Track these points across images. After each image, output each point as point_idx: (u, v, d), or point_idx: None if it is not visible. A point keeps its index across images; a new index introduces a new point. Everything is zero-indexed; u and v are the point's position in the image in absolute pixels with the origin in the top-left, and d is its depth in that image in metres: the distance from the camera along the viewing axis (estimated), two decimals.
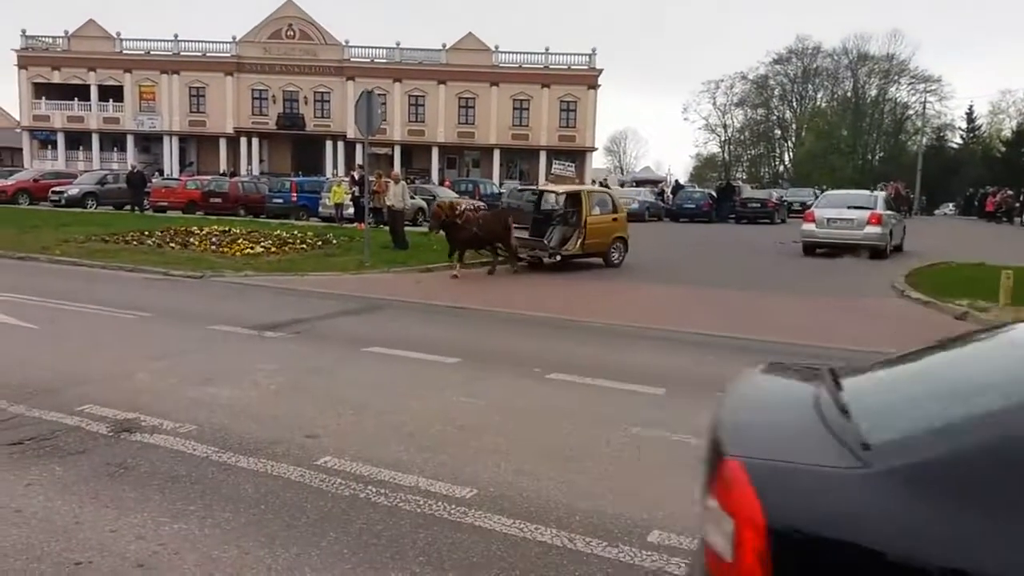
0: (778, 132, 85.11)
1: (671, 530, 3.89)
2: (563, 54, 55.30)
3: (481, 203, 26.73)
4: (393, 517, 3.96)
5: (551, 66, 54.89)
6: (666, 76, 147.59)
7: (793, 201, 41.04)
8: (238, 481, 4.36)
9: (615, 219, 16.33)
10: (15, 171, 40.60)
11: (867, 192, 24.79)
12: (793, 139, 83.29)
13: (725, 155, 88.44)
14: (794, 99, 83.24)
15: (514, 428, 5.43)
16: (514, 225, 14.96)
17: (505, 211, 16.67)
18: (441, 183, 44.36)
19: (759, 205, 36.11)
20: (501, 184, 45.76)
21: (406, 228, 18.79)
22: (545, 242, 15.60)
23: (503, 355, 8.02)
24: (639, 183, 55.99)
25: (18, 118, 56.38)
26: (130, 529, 3.75)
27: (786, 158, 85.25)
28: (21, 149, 56.72)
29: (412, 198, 24.65)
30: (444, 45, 54.90)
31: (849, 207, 19.38)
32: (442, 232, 14.28)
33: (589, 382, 6.69)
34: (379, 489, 4.29)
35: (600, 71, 55.13)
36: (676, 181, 55.62)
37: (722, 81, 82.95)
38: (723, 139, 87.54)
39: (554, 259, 15.28)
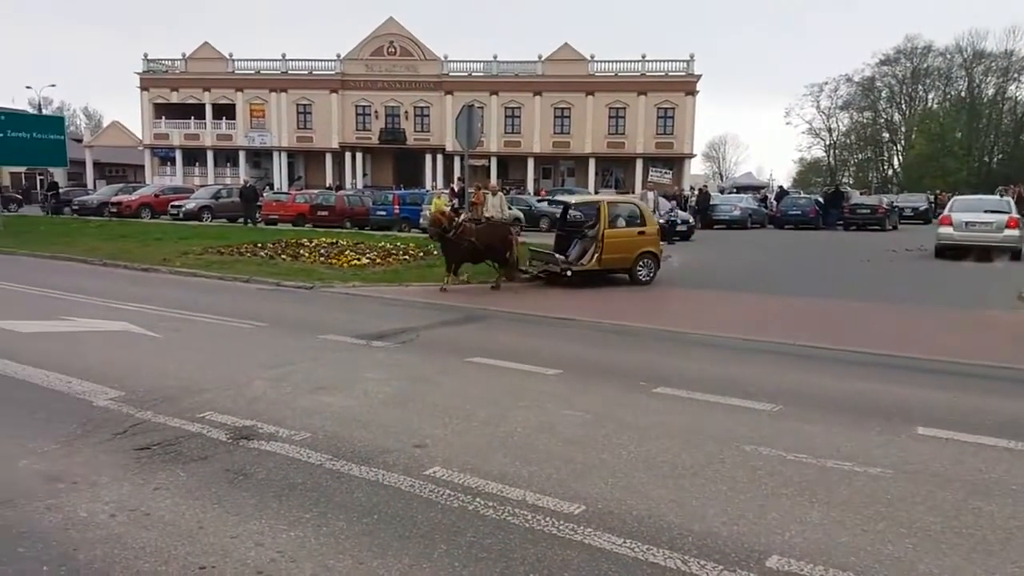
0: (886, 135, 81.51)
1: (791, 555, 3.72)
2: (660, 61, 54.72)
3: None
4: (502, 531, 3.94)
5: (648, 73, 54.37)
6: (768, 80, 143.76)
7: (904, 207, 39.16)
8: (351, 489, 4.45)
9: (642, 232, 14.82)
10: (138, 187, 43.17)
11: (997, 197, 24.77)
12: (902, 142, 79.52)
13: (830, 160, 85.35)
14: (903, 101, 79.53)
15: (621, 443, 5.33)
16: (518, 238, 14.55)
17: (504, 224, 15.74)
18: (536, 193, 44.56)
19: (869, 211, 34.62)
20: (597, 193, 45.53)
21: None
22: (565, 256, 14.81)
23: (606, 367, 7.92)
24: (740, 189, 54.66)
25: (140, 137, 60.12)
26: (250, 536, 3.87)
27: (895, 162, 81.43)
28: (143, 166, 60.47)
29: (509, 208, 24.83)
30: (540, 56, 55.21)
31: (986, 211, 20.00)
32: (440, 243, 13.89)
33: (699, 397, 6.52)
34: (487, 502, 4.29)
35: (698, 77, 54.22)
36: (780, 187, 53.96)
37: (826, 84, 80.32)
38: (828, 143, 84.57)
39: (565, 274, 14.22)
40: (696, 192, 39.04)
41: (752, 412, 6.12)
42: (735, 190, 53.82)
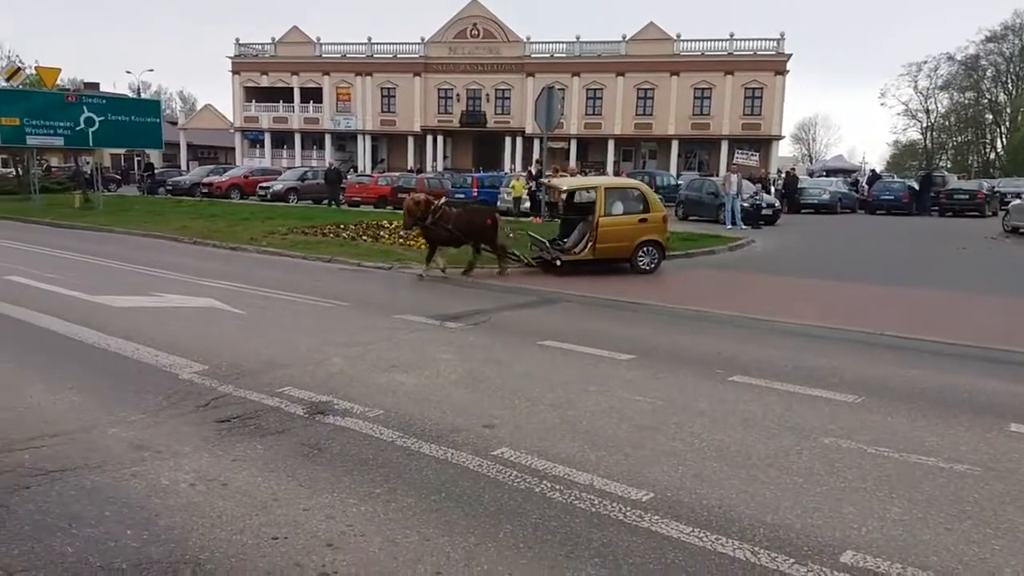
0: (989, 117, 76.96)
1: (867, 551, 3.58)
2: (749, 39, 53.06)
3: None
4: (567, 514, 3.93)
5: (735, 52, 52.84)
6: (862, 59, 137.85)
7: (1007, 191, 37.03)
8: (420, 467, 4.50)
9: (643, 220, 13.61)
10: (228, 168, 44.74)
11: None
12: (1007, 124, 74.96)
13: (927, 142, 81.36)
14: (1009, 80, 74.82)
15: (694, 431, 5.23)
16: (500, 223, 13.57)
17: (486, 208, 15.07)
18: (616, 175, 44.08)
19: (967, 196, 32.91)
20: (679, 175, 44.71)
21: None
22: (561, 242, 13.98)
23: (681, 353, 7.78)
24: (830, 172, 52.75)
25: (231, 119, 62.20)
26: (321, 509, 3.96)
27: (998, 145, 76.96)
28: (234, 148, 62.60)
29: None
30: (624, 36, 54.38)
31: None
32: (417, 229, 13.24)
33: (777, 387, 6.33)
34: (554, 485, 4.27)
35: (788, 56, 52.38)
36: (872, 171, 51.73)
37: (925, 63, 76.26)
38: (925, 125, 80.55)
39: (555, 263, 13.34)
40: (783, 175, 37.86)
41: (832, 403, 5.90)
42: (825, 173, 51.98)
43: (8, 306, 9.21)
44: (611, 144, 54.90)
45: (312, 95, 59.46)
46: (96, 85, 58.34)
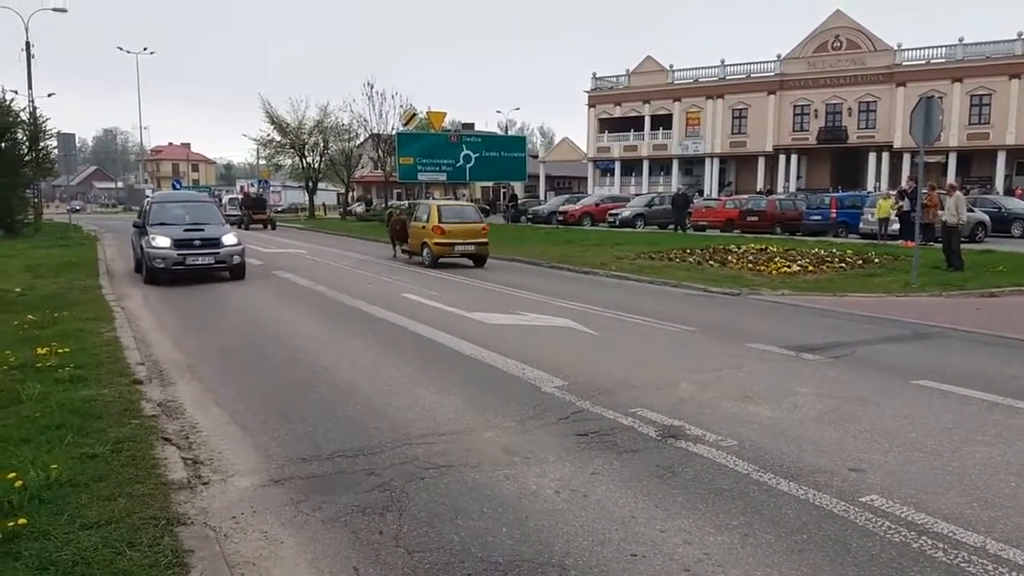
0: None
1: None
2: None
3: None
4: None
5: None
6: None
7: None
8: (779, 504, 4.32)
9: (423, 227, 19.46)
10: (581, 197, 47.37)
11: None
12: None
13: None
14: None
15: None
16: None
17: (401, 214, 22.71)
18: (1009, 191, 38.13)
19: None
20: None
21: (962, 246, 16.58)
22: None
23: None
24: None
25: (585, 150, 65.77)
26: (677, 533, 3.99)
27: None
28: (586, 177, 66.11)
29: (970, 211, 21.67)
30: (1020, 34, 47.05)
31: None
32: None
33: None
34: (936, 542, 3.81)
35: None
36: None
37: None
38: None
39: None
40: None
41: None
42: None
43: (407, 320, 10.73)
44: (1001, 156, 47.65)
45: (662, 122, 60.60)
46: (471, 125, 65.64)
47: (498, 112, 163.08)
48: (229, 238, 15.54)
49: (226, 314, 11.61)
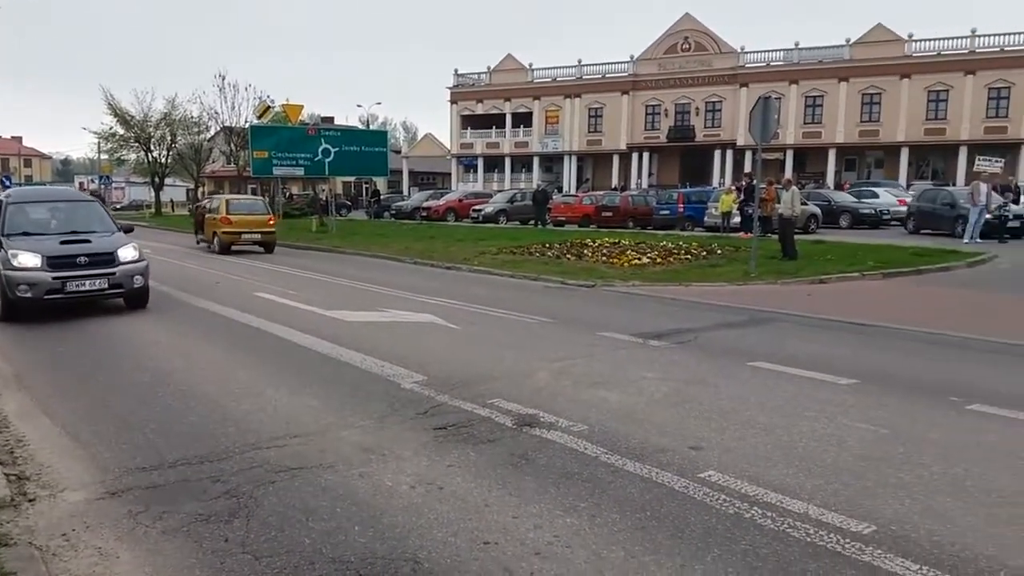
0: None
1: None
2: (994, 35, 47.82)
3: None
4: (780, 543, 3.75)
5: (977, 50, 47.80)
6: None
7: None
8: (624, 484, 4.51)
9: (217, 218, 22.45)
10: (444, 193, 47.42)
11: None
12: None
13: None
14: None
15: (923, 463, 4.79)
16: None
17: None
18: (838, 186, 41.38)
19: None
20: (909, 186, 41.17)
21: (796, 237, 17.86)
22: None
23: (910, 379, 7.15)
24: None
25: (448, 146, 65.87)
26: (529, 518, 4.09)
27: None
28: (450, 173, 66.23)
29: (804, 204, 23.40)
30: (848, 40, 51.12)
31: None
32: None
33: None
34: (765, 511, 4.10)
35: None
36: None
37: None
38: None
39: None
40: None
41: None
42: None
43: (260, 320, 10.37)
44: (832, 153, 51.67)
45: (522, 120, 61.57)
46: (331, 119, 64.16)
47: (359, 106, 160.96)
48: (127, 251, 11.30)
49: (60, 319, 10.77)
